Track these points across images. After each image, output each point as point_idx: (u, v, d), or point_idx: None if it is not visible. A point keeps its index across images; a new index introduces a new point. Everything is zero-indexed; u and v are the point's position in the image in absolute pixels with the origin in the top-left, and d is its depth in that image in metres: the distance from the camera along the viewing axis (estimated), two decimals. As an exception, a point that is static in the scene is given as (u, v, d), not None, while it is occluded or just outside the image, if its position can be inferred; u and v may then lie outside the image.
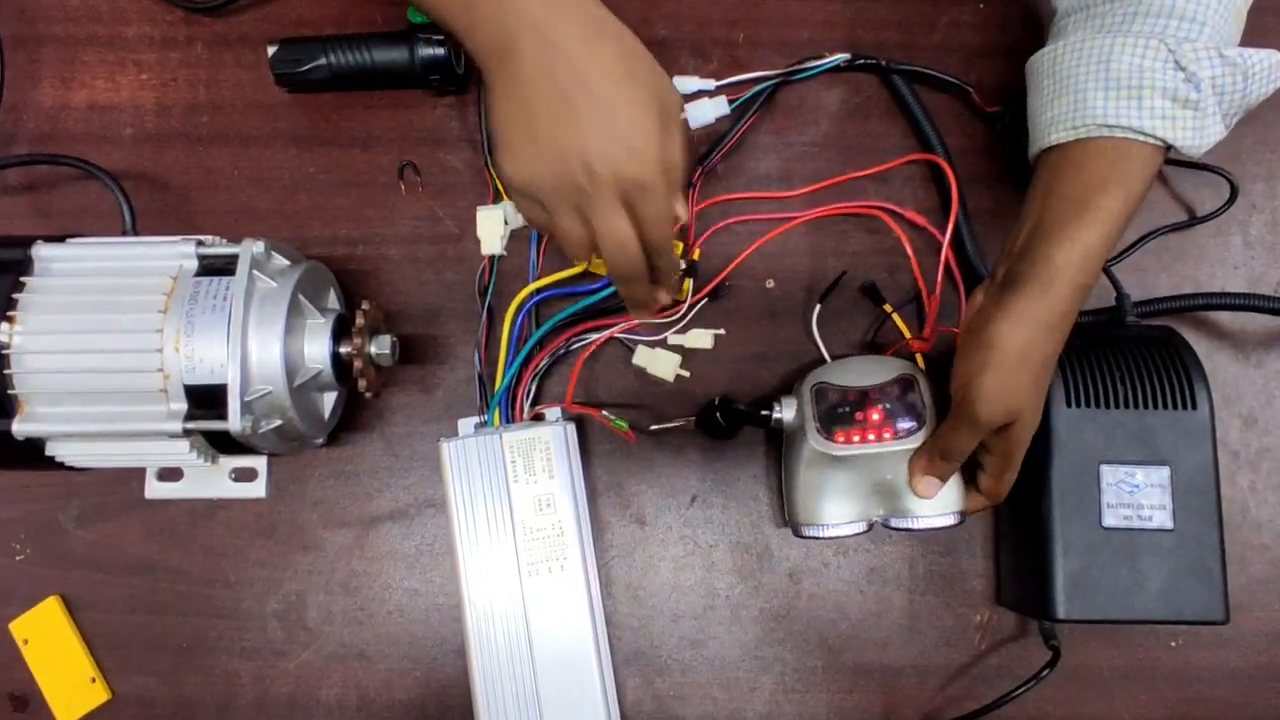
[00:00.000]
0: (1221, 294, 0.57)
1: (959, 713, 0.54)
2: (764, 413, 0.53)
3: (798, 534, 0.53)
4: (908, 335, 0.57)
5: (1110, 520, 0.51)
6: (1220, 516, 0.51)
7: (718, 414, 0.54)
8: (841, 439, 0.51)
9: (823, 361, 0.58)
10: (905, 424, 0.51)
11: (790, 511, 0.54)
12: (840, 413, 0.51)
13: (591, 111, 0.42)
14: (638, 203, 0.44)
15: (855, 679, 0.57)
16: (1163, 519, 0.51)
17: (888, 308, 0.58)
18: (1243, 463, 0.59)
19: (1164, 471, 0.51)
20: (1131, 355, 0.53)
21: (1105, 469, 0.51)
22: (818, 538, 0.52)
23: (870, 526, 0.52)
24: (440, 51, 0.57)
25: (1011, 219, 0.60)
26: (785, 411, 0.53)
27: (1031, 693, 0.52)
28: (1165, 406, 0.52)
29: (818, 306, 0.58)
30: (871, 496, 0.52)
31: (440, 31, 0.57)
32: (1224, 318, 0.60)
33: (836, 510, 0.52)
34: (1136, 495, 0.51)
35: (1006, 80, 0.62)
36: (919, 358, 0.57)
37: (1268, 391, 0.59)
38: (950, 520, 0.51)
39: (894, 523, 0.52)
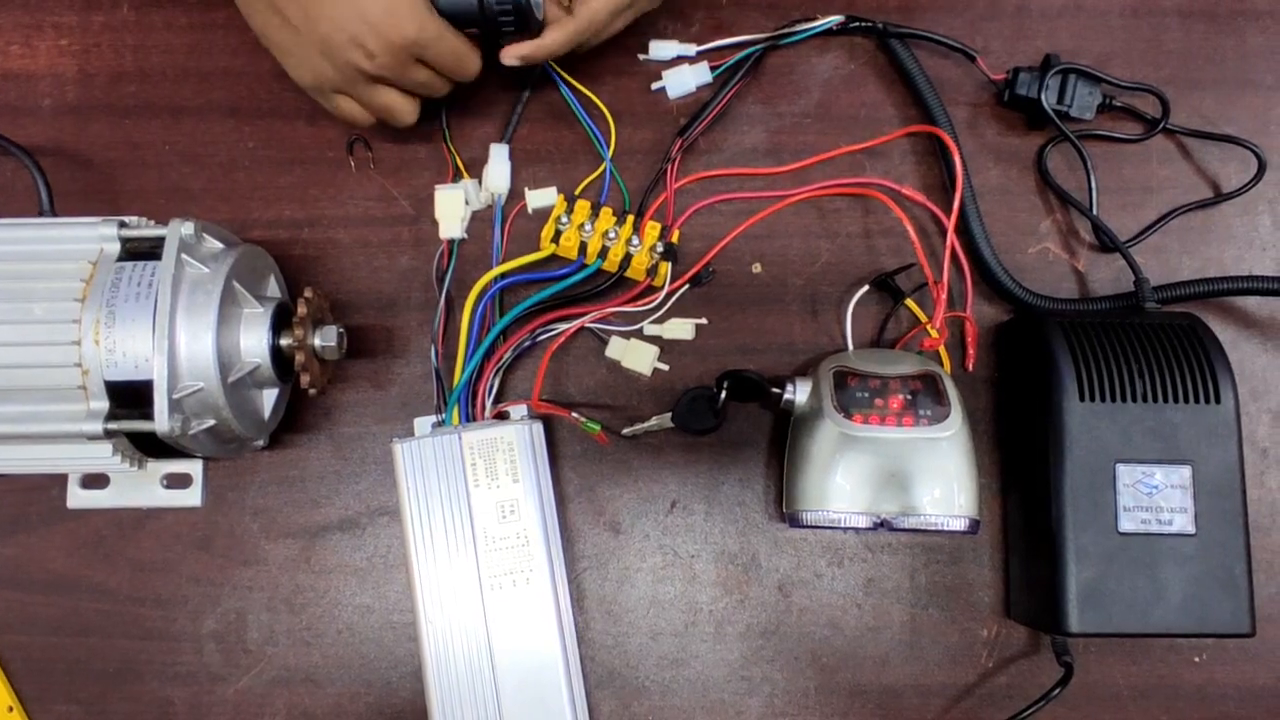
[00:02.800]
0: (1249, 277, 0.57)
1: (964, 736, 0.54)
2: (775, 390, 0.54)
3: (797, 523, 0.52)
4: (923, 319, 0.57)
5: (1127, 525, 0.50)
6: (1246, 520, 0.51)
7: (726, 387, 0.54)
8: (860, 420, 0.51)
9: (836, 350, 0.58)
10: (927, 413, 0.52)
11: (791, 498, 0.53)
12: (860, 396, 0.52)
13: None
14: (424, 58, 0.51)
15: (851, 701, 0.56)
16: (1184, 523, 0.50)
17: (911, 304, 0.58)
18: (1271, 461, 0.59)
19: (1185, 471, 0.51)
20: (1150, 344, 0.53)
21: (1121, 469, 0.51)
22: (819, 526, 0.52)
23: (876, 525, 0.52)
24: None
25: (1022, 198, 0.61)
26: (799, 392, 0.54)
27: (1043, 713, 0.52)
28: (1187, 400, 0.51)
29: (859, 292, 0.58)
30: (882, 489, 0.52)
31: None
32: (1251, 303, 0.60)
33: (844, 497, 0.51)
34: (1155, 497, 0.51)
35: (1016, 44, 0.62)
36: (943, 353, 0.57)
37: (1299, 384, 0.59)
38: (962, 524, 0.51)
39: (903, 522, 0.51)
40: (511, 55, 0.54)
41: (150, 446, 0.50)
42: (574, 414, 0.55)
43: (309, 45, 0.50)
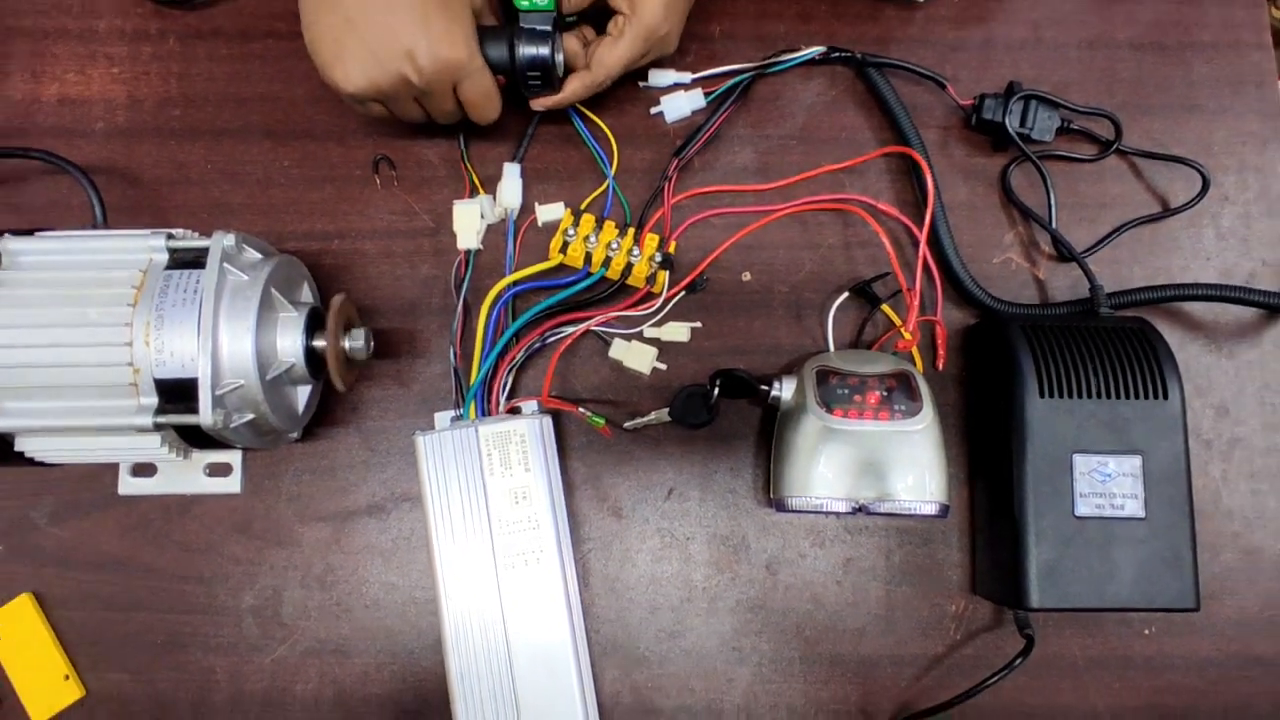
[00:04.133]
0: (1194, 285, 0.58)
1: (934, 702, 0.54)
2: (763, 387, 0.54)
3: (783, 508, 0.53)
4: (897, 322, 0.58)
5: (1083, 509, 0.51)
6: (1192, 505, 0.51)
7: (718, 385, 0.55)
8: (840, 414, 0.52)
9: (819, 351, 0.58)
10: (902, 408, 0.52)
11: (778, 485, 0.54)
12: (840, 393, 0.52)
13: (405, 12, 0.49)
14: (460, 86, 0.52)
15: (831, 669, 0.57)
16: (1135, 508, 0.51)
17: (886, 309, 0.58)
18: (1214, 452, 0.59)
19: (1136, 461, 0.51)
20: (1104, 346, 0.53)
21: (1078, 458, 0.51)
22: (803, 511, 0.52)
23: (854, 510, 0.52)
24: (544, 50, 0.53)
25: (988, 213, 0.61)
26: (784, 389, 0.54)
27: (1006, 682, 0.52)
28: (1138, 396, 0.52)
29: (840, 298, 0.58)
30: (860, 477, 0.52)
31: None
32: (1197, 309, 0.60)
33: (826, 484, 0.52)
34: (1109, 484, 0.51)
35: (982, 73, 0.63)
36: (916, 354, 0.57)
37: (1239, 382, 0.60)
38: (933, 509, 0.51)
39: (880, 507, 0.51)
40: (540, 105, 0.56)
41: (195, 438, 0.50)
42: (580, 409, 0.55)
43: (368, 51, 0.50)
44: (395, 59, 0.50)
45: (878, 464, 0.52)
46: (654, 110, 0.61)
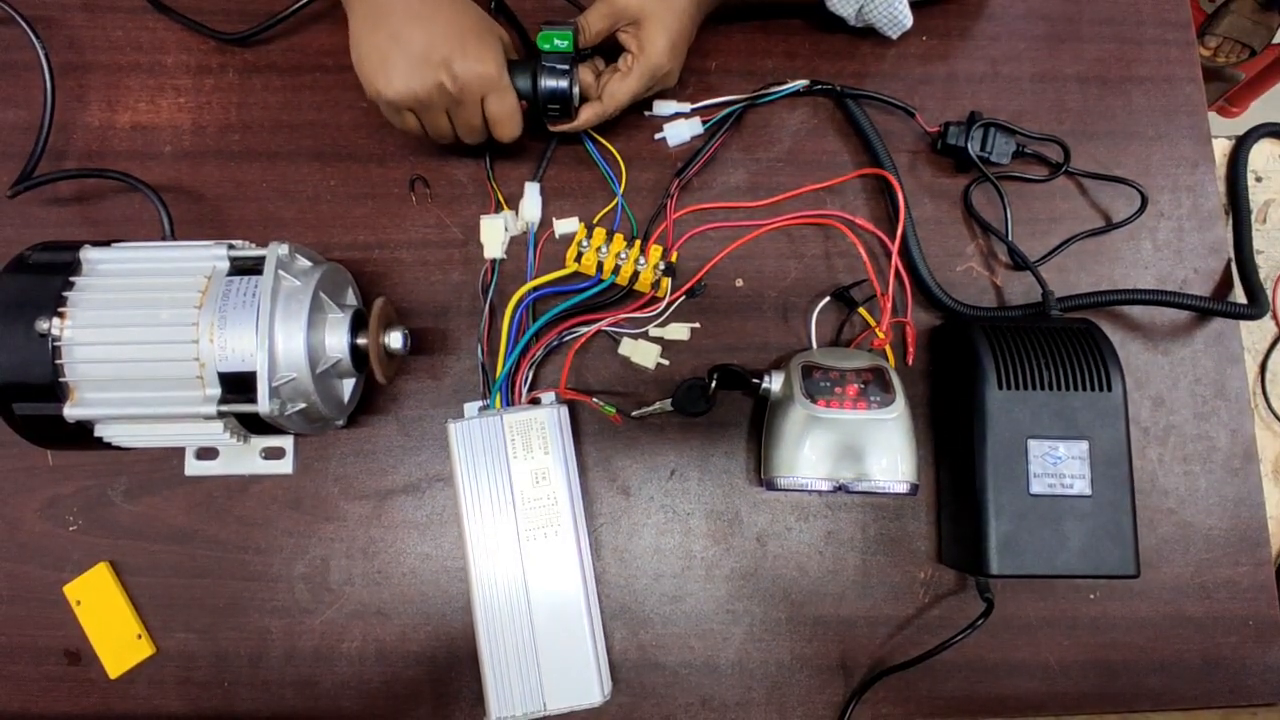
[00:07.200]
0: (1134, 290, 0.58)
1: (905, 658, 0.54)
2: (755, 380, 0.54)
3: (773, 487, 0.52)
4: (872, 323, 0.57)
5: (1036, 488, 0.51)
6: (1132, 484, 0.51)
7: (715, 378, 0.55)
8: (823, 404, 0.51)
9: (803, 349, 0.58)
10: (876, 399, 0.52)
11: (768, 467, 0.53)
12: (822, 385, 0.52)
13: (443, 31, 0.49)
14: (487, 100, 0.51)
15: (815, 629, 0.57)
16: (1082, 487, 0.51)
17: (863, 311, 0.58)
18: (1151, 438, 0.59)
19: (1083, 445, 0.51)
20: (1055, 344, 0.53)
21: (1032, 443, 0.51)
22: (790, 489, 0.52)
23: (835, 489, 0.52)
24: (563, 84, 0.53)
25: (952, 227, 0.61)
26: (774, 382, 0.54)
27: (969, 639, 0.52)
28: (1085, 389, 0.52)
29: (821, 302, 0.58)
30: (840, 460, 0.51)
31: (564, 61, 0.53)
32: (1136, 311, 0.60)
33: (810, 466, 0.52)
34: (1059, 466, 0.51)
35: (946, 104, 0.62)
36: (888, 351, 0.57)
37: (1173, 376, 0.60)
38: (904, 488, 0.51)
39: (857, 486, 0.51)
40: (557, 129, 0.56)
41: (253, 425, 0.50)
42: (593, 399, 0.55)
43: (409, 61, 0.49)
44: (434, 68, 0.49)
45: (856, 448, 0.52)
46: (658, 136, 0.61)
